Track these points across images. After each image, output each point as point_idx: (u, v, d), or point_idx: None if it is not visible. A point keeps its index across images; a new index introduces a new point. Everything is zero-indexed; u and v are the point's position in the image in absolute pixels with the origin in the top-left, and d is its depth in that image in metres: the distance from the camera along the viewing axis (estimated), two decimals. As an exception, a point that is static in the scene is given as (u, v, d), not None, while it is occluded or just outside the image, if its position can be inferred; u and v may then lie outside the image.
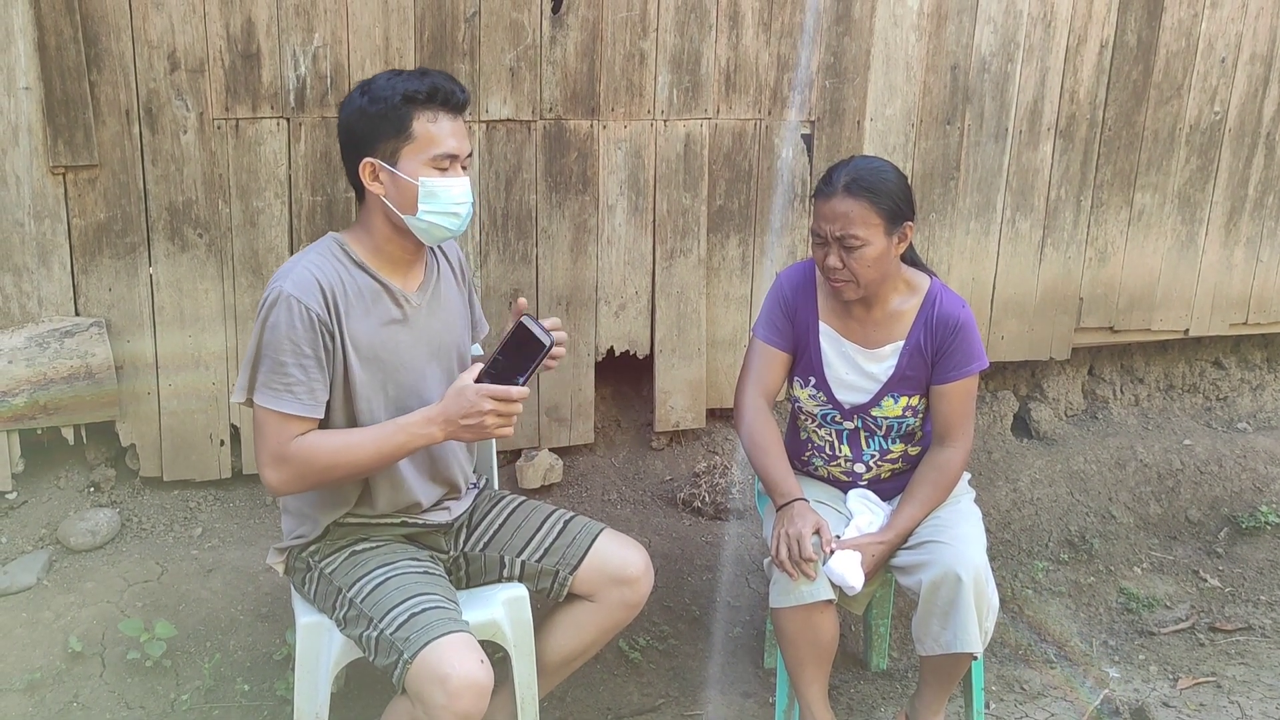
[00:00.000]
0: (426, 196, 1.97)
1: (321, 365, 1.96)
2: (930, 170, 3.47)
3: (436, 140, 1.97)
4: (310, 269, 1.97)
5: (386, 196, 1.99)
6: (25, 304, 2.73)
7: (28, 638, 2.52)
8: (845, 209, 2.25)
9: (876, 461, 2.47)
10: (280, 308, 1.93)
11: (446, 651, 1.87)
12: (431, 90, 1.96)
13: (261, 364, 1.94)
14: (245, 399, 1.97)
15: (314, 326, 1.94)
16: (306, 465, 1.95)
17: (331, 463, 1.95)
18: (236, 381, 2.00)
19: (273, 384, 1.94)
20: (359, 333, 2.01)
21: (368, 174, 1.99)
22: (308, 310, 1.93)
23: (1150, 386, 4.01)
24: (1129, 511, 3.55)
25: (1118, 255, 3.75)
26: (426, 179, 1.97)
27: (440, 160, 1.98)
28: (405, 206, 1.99)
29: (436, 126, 1.97)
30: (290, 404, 1.94)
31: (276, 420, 1.94)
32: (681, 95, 3.19)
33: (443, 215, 1.99)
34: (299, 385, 1.94)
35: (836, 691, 2.75)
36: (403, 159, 1.97)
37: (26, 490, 2.84)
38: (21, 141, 2.65)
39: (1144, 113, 3.63)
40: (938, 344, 2.37)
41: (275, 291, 1.94)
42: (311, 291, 1.95)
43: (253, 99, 2.80)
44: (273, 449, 1.95)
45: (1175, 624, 3.16)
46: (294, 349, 1.93)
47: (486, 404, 1.90)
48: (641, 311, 3.31)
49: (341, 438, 1.98)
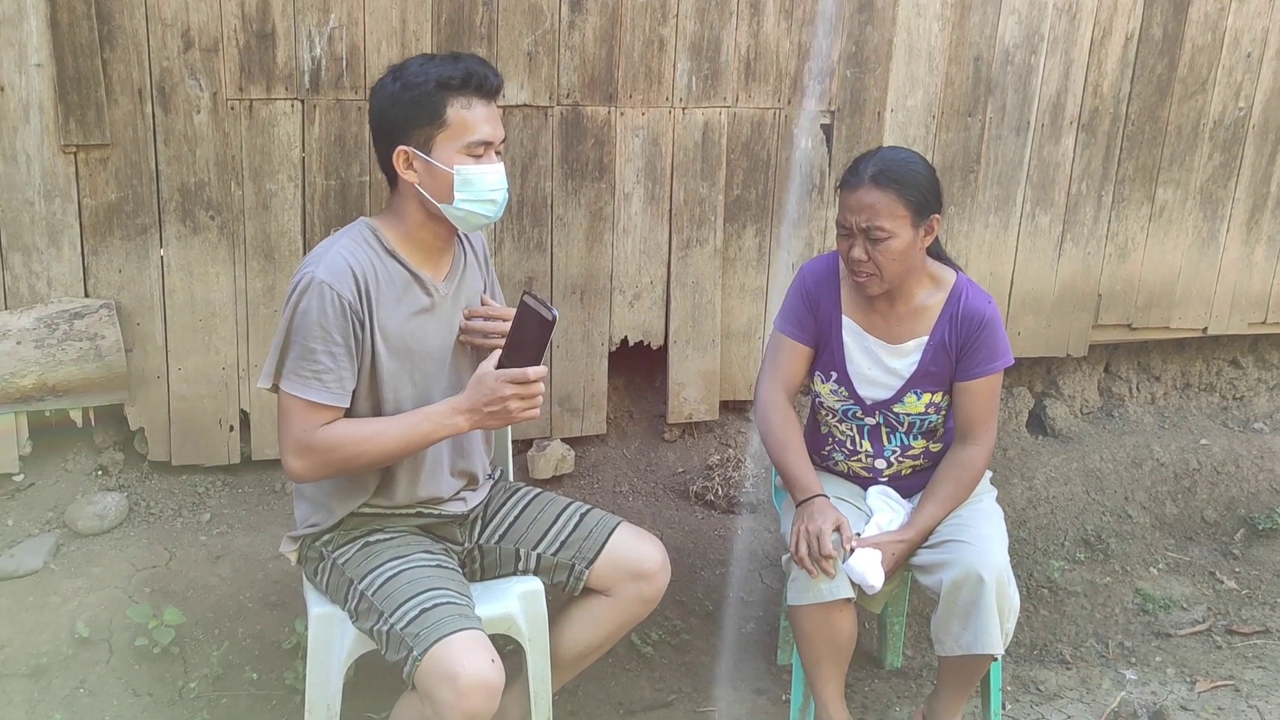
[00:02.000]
0: (462, 184, 1.94)
1: (351, 354, 1.93)
2: (950, 163, 3.42)
3: (471, 127, 1.94)
4: (344, 255, 1.94)
5: (421, 185, 1.96)
6: (34, 284, 2.70)
7: (34, 622, 2.50)
8: (871, 200, 2.21)
9: (898, 458, 2.44)
10: (312, 294, 1.89)
11: (456, 650, 1.84)
12: (466, 76, 1.93)
13: (290, 350, 1.91)
14: (271, 385, 1.94)
15: (345, 314, 1.91)
16: (331, 454, 1.92)
17: (357, 452, 1.92)
18: (263, 367, 1.96)
19: (301, 371, 1.90)
20: (389, 322, 1.98)
21: (401, 162, 1.96)
22: (340, 297, 1.90)
23: (1167, 385, 3.97)
24: (1145, 511, 3.52)
25: (1138, 252, 3.71)
26: (462, 167, 1.94)
27: (475, 147, 1.95)
28: (441, 195, 1.96)
29: (471, 113, 1.94)
30: (318, 392, 1.91)
31: (303, 408, 1.91)
32: (700, 83, 3.14)
33: (479, 203, 1.97)
34: (328, 373, 1.91)
35: (850, 689, 2.72)
36: (437, 146, 1.94)
37: (34, 473, 2.81)
38: (32, 119, 2.60)
39: (1168, 107, 3.58)
40: (963, 340, 2.33)
41: (307, 277, 1.90)
42: (344, 278, 1.91)
43: (267, 80, 2.76)
44: (298, 437, 1.91)
45: (1192, 626, 3.13)
46: (324, 336, 1.90)
47: (507, 389, 1.88)
48: (656, 301, 3.27)
49: (368, 427, 1.95)
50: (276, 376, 1.93)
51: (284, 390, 1.92)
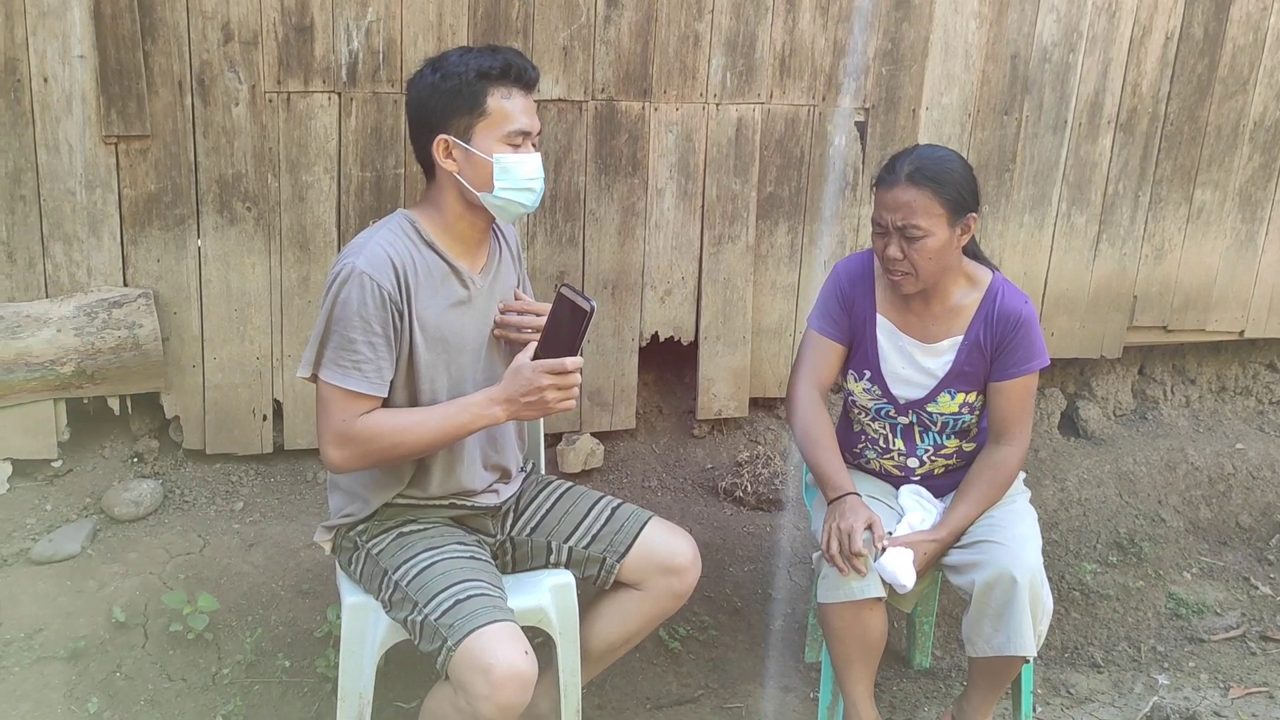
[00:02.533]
0: (501, 173, 1.96)
1: (390, 344, 1.94)
2: (986, 161, 3.40)
3: (510, 116, 1.96)
4: (384, 246, 1.95)
5: (460, 174, 1.98)
6: (75, 273, 2.73)
7: (71, 606, 2.53)
8: (908, 198, 2.20)
9: (930, 457, 2.43)
10: (353, 284, 1.90)
11: (490, 641, 1.85)
12: (505, 67, 1.95)
13: (330, 340, 1.92)
14: (311, 375, 1.95)
15: (385, 305, 1.92)
16: (370, 444, 1.93)
17: (395, 442, 1.94)
18: (302, 356, 1.98)
19: (341, 361, 1.92)
20: (426, 313, 1.99)
21: (441, 151, 1.97)
22: (380, 288, 1.91)
23: (1202, 388, 3.93)
24: (1179, 515, 3.49)
25: (1174, 253, 3.67)
26: (501, 155, 1.96)
27: (514, 137, 1.97)
28: (480, 184, 1.97)
29: (510, 103, 1.96)
30: (358, 382, 1.92)
31: (342, 398, 1.92)
32: (735, 79, 3.14)
33: (518, 191, 1.98)
34: (367, 363, 1.92)
35: (878, 688, 2.71)
36: (477, 136, 1.96)
37: (72, 459, 2.85)
38: (75, 110, 2.64)
39: (1207, 107, 3.54)
40: (998, 340, 2.31)
41: (348, 267, 1.92)
42: (384, 269, 1.93)
43: (305, 73, 2.78)
44: (337, 427, 1.93)
45: (1226, 631, 3.10)
46: (364, 326, 1.91)
47: (544, 379, 1.89)
48: (687, 297, 3.27)
49: (406, 417, 1.96)
50: (316, 366, 1.94)
51: (323, 380, 1.93)
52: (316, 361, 1.94)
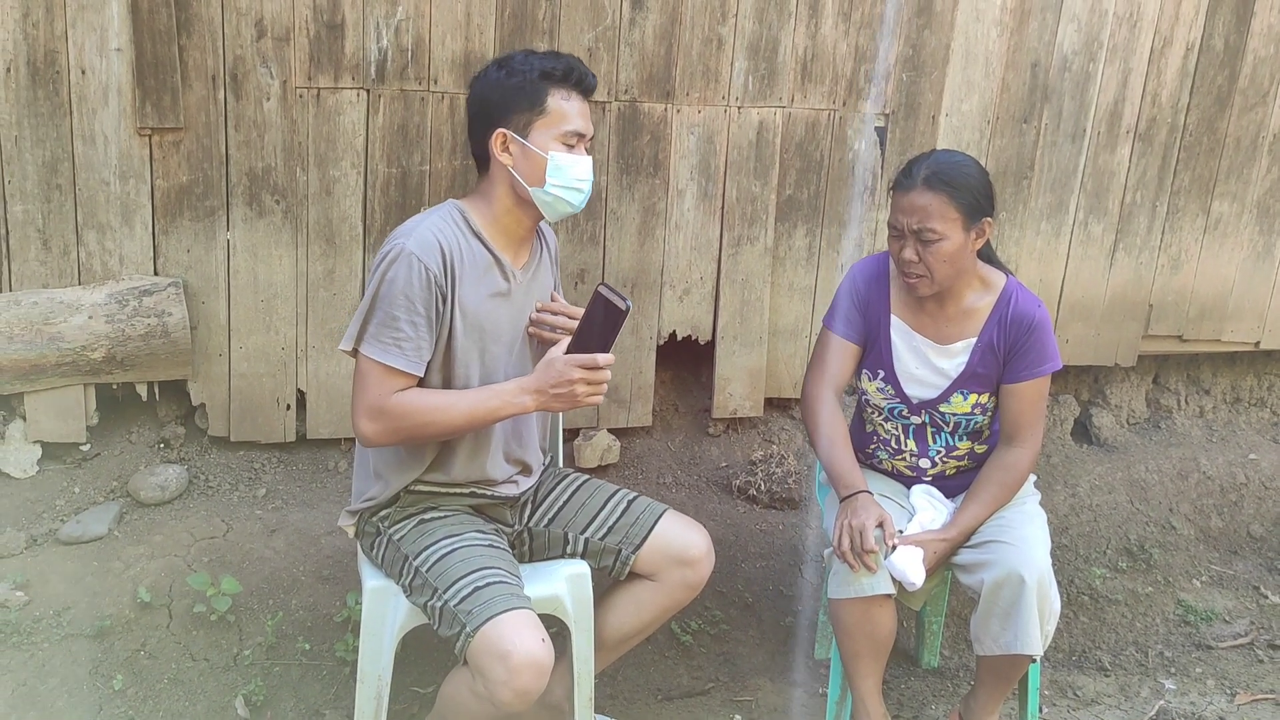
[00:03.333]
0: (554, 170, 2.02)
1: (431, 325, 2.00)
2: (1004, 168, 3.43)
3: (568, 117, 2.03)
4: (433, 230, 2.01)
5: (514, 168, 2.04)
6: (107, 261, 2.79)
7: (98, 586, 2.59)
8: (924, 202, 2.23)
9: (942, 458, 2.46)
10: (401, 264, 1.96)
11: (509, 628, 1.89)
12: (567, 70, 2.03)
13: (374, 316, 1.98)
14: (352, 349, 2.01)
15: (430, 286, 1.98)
16: (403, 420, 1.99)
17: (426, 420, 1.99)
18: (346, 330, 2.03)
19: (382, 337, 1.97)
20: (468, 299, 2.05)
21: (498, 145, 2.04)
22: (426, 270, 1.97)
23: (1216, 398, 3.94)
24: (1190, 523, 3.50)
25: (1191, 263, 3.69)
26: (555, 154, 2.03)
27: (569, 137, 2.04)
28: (533, 179, 2.04)
29: (569, 104, 2.04)
30: (397, 358, 1.98)
31: (380, 372, 1.98)
32: (757, 82, 3.18)
33: (567, 190, 2.04)
34: (407, 341, 1.98)
35: (887, 686, 2.74)
36: (534, 132, 2.03)
37: (100, 443, 2.91)
38: (111, 102, 2.70)
39: (1227, 119, 3.56)
40: (1011, 342, 2.35)
41: (397, 248, 1.98)
42: (432, 252, 1.98)
43: (335, 69, 2.84)
44: (372, 400, 1.98)
45: (1234, 639, 3.11)
46: (408, 305, 1.97)
47: (575, 373, 1.94)
48: (705, 297, 3.31)
49: (439, 398, 2.02)
50: (358, 340, 2.00)
51: (364, 354, 1.99)
52: (359, 336, 2.00)
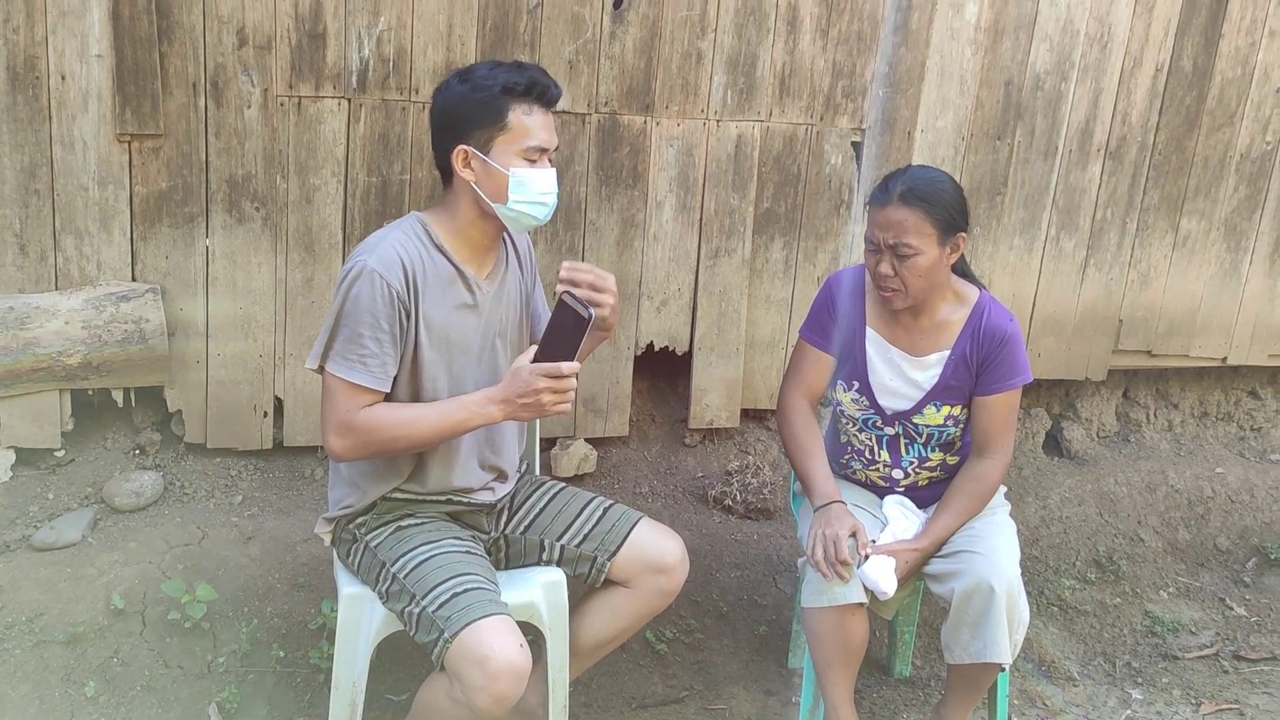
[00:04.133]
0: (516, 186, 2.02)
1: (396, 341, 2.01)
2: (978, 184, 3.48)
3: (530, 132, 2.03)
4: (395, 247, 2.02)
5: (477, 184, 2.05)
6: (85, 267, 2.79)
7: (71, 592, 2.58)
8: (900, 217, 2.27)
9: (915, 468, 2.49)
10: (364, 281, 1.97)
11: (487, 633, 1.91)
12: (530, 84, 2.02)
13: (339, 334, 1.99)
14: (318, 366, 2.03)
15: (393, 303, 1.99)
16: (370, 435, 2.00)
17: (394, 435, 2.01)
18: (312, 348, 2.05)
19: (347, 354, 1.99)
20: (432, 314, 2.06)
21: (460, 161, 2.04)
22: (389, 286, 1.98)
23: (1185, 413, 4.00)
24: (1158, 536, 3.56)
25: (1160, 279, 3.75)
26: (517, 169, 2.02)
27: (531, 152, 2.03)
28: (495, 195, 2.04)
29: (531, 119, 2.03)
30: (362, 375, 1.99)
31: (347, 390, 1.99)
32: (736, 96, 3.21)
33: (531, 205, 2.05)
34: (372, 358, 1.99)
35: (859, 695, 2.77)
36: (496, 148, 2.02)
37: (75, 449, 2.90)
38: (90, 108, 2.70)
39: (1195, 139, 3.63)
40: (983, 355, 2.38)
41: (359, 265, 1.99)
42: (394, 269, 2.00)
43: (316, 78, 2.85)
44: (340, 417, 2.00)
45: (1200, 650, 3.16)
46: (372, 322, 1.98)
47: (541, 382, 1.95)
48: (683, 308, 3.34)
49: (406, 411, 2.03)
50: (324, 358, 2.02)
51: (330, 371, 2.01)
52: (325, 354, 2.01)
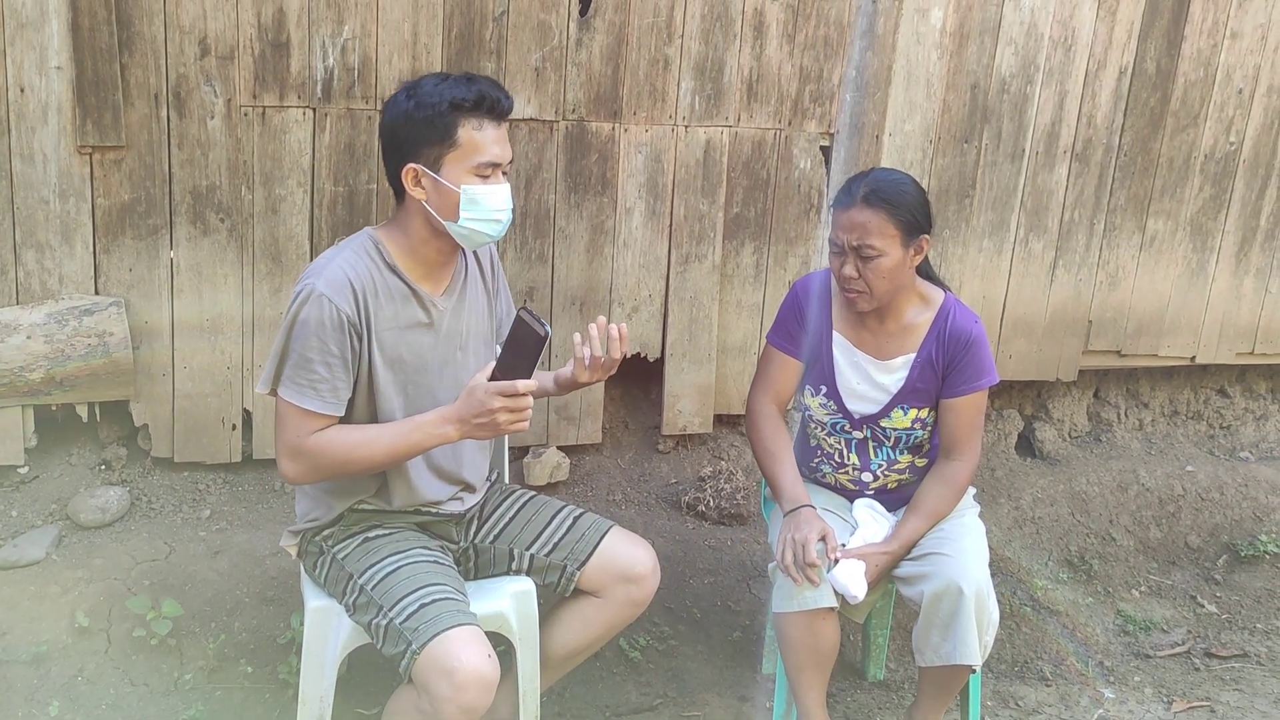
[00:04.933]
0: (468, 204, 1.98)
1: (346, 365, 1.98)
2: (946, 187, 3.49)
3: (481, 148, 1.98)
4: (344, 268, 1.98)
5: (428, 202, 2.01)
6: (46, 281, 2.76)
7: (35, 611, 2.55)
8: (863, 219, 2.27)
9: (884, 471, 2.50)
10: (311, 305, 1.94)
11: (454, 644, 1.89)
12: (479, 98, 1.97)
13: (288, 358, 1.96)
14: (269, 390, 2.00)
15: (343, 327, 1.96)
16: (322, 459, 1.98)
17: (347, 458, 1.98)
18: (262, 372, 2.02)
19: (298, 379, 1.96)
20: (385, 334, 2.03)
21: (410, 179, 2.00)
22: (338, 310, 1.95)
23: (1155, 412, 4.03)
24: (1129, 534, 3.58)
25: (1128, 280, 3.77)
26: (469, 186, 1.98)
27: (483, 168, 1.99)
28: (447, 213, 2.00)
29: (481, 134, 1.98)
30: (312, 400, 1.96)
31: (297, 414, 1.97)
32: (703, 102, 3.21)
33: (484, 222, 2.01)
34: (323, 383, 1.96)
35: (833, 699, 2.77)
36: (446, 166, 1.98)
37: (38, 465, 2.86)
38: (50, 120, 2.67)
39: (1160, 140, 3.66)
40: (949, 358, 2.39)
41: (308, 289, 1.95)
42: (343, 291, 1.96)
43: (280, 88, 2.83)
44: (291, 442, 1.97)
45: (1171, 648, 3.18)
46: (321, 347, 1.95)
47: (496, 401, 1.91)
48: (654, 315, 3.33)
49: (359, 434, 2.00)
50: (274, 382, 1.99)
51: (281, 397, 1.98)
52: (275, 378, 1.98)
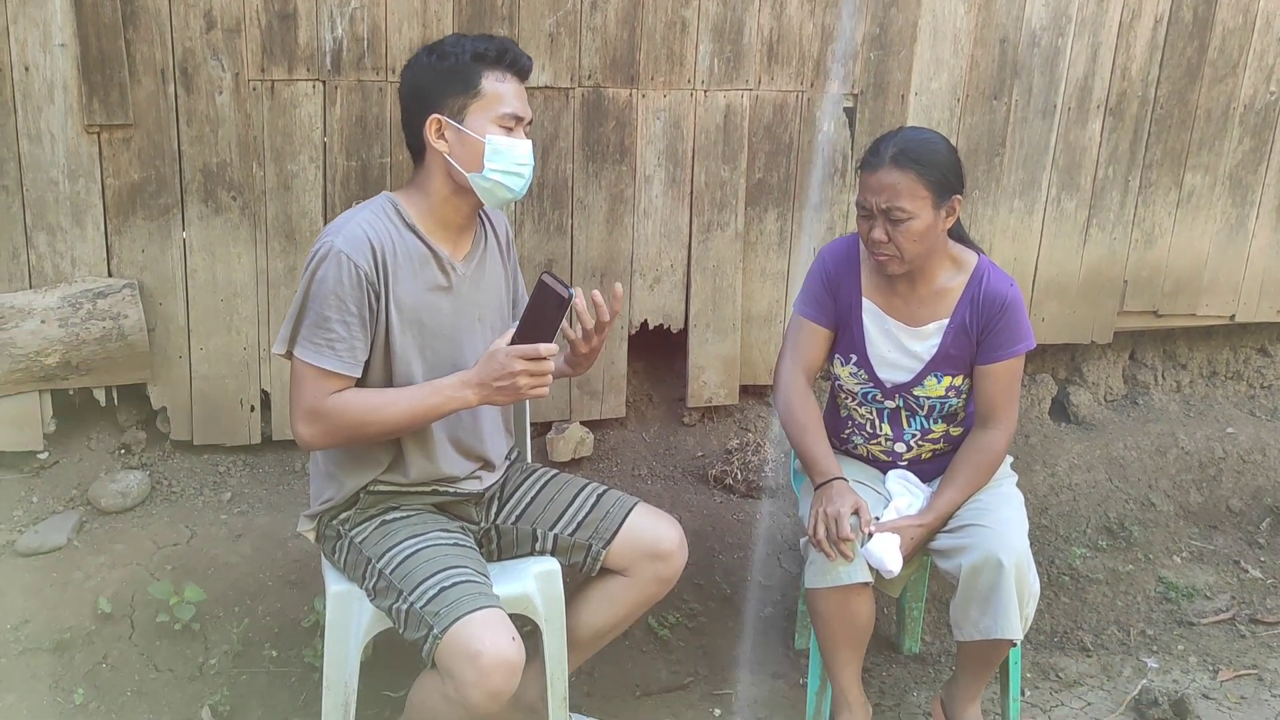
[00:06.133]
0: (493, 154, 1.96)
1: (364, 324, 1.94)
2: (975, 146, 3.39)
3: (504, 99, 1.97)
4: (363, 226, 1.95)
5: (451, 154, 1.98)
6: (59, 264, 2.72)
7: (58, 598, 2.52)
8: (892, 180, 2.19)
9: (917, 441, 2.42)
10: (330, 262, 1.91)
11: (478, 628, 1.85)
12: (501, 51, 1.97)
13: (305, 317, 1.92)
14: (285, 351, 1.96)
15: (361, 284, 1.92)
16: (339, 421, 1.93)
17: (364, 420, 1.94)
18: (278, 333, 1.98)
19: (315, 339, 1.92)
20: (403, 295, 1.99)
21: (433, 131, 1.98)
22: (356, 268, 1.91)
23: (1193, 373, 3.93)
24: (1169, 499, 3.49)
25: (1164, 237, 3.66)
26: (493, 136, 1.97)
27: (507, 119, 1.98)
28: (470, 164, 1.97)
29: (504, 86, 1.98)
30: (330, 360, 1.92)
31: (314, 375, 1.93)
32: (723, 65, 3.12)
33: (507, 174, 1.98)
34: (340, 342, 1.92)
35: (868, 674, 2.72)
36: (470, 116, 1.97)
37: (58, 451, 2.84)
38: (57, 99, 2.62)
39: (1197, 91, 3.53)
40: (984, 323, 2.31)
41: (326, 246, 1.92)
42: (362, 249, 1.93)
43: (289, 60, 2.76)
44: (308, 403, 1.93)
45: (1215, 615, 3.10)
46: (339, 305, 1.91)
47: (517, 364, 1.88)
48: (676, 285, 3.26)
49: (377, 396, 1.96)
50: (291, 343, 1.95)
51: (297, 356, 1.94)
52: (292, 338, 1.95)
